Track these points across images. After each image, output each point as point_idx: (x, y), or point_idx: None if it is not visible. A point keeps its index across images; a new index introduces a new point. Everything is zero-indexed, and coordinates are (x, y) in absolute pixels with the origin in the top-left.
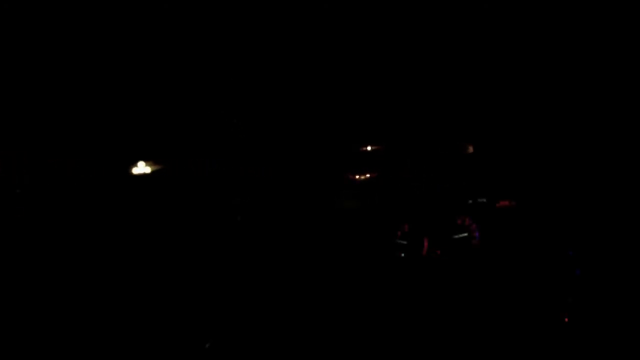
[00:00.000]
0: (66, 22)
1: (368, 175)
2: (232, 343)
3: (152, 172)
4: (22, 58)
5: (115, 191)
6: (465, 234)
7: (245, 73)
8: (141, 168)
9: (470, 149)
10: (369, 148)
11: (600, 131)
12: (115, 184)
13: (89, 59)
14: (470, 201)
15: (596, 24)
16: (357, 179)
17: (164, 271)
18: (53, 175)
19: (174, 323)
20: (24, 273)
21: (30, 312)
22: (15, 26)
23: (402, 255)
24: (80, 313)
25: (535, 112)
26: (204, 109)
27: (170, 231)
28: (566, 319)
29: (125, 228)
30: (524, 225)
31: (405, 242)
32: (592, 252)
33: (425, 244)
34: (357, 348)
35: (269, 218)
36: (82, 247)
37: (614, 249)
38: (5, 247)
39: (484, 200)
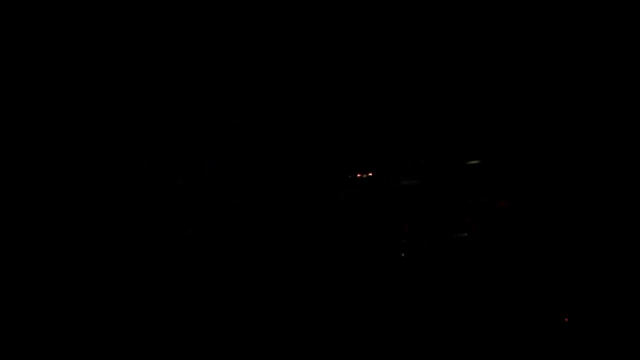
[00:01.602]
0: (67, 21)
1: (368, 175)
2: (232, 343)
3: (153, 172)
4: (24, 58)
5: (115, 191)
6: (465, 234)
7: (245, 73)
8: None
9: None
10: (369, 148)
11: (600, 131)
12: (116, 184)
13: (89, 59)
14: (470, 201)
15: (596, 24)
16: (357, 178)
17: (164, 271)
18: (53, 175)
19: (174, 323)
20: (24, 273)
21: (30, 312)
22: (15, 25)
23: (402, 254)
24: (80, 313)
25: (535, 112)
26: (204, 109)
27: (171, 231)
28: (566, 319)
29: (125, 228)
30: (524, 225)
31: (405, 242)
32: (592, 252)
33: (426, 244)
34: (357, 348)
35: (269, 218)
36: (82, 247)
37: (614, 249)
38: (5, 247)
39: (484, 200)
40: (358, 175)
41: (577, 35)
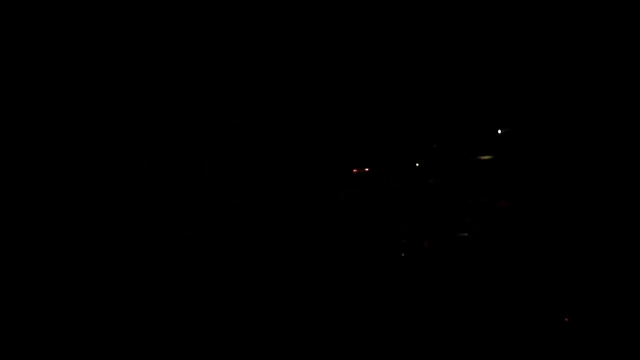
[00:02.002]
0: (68, 21)
1: (365, 170)
2: (232, 343)
3: (152, 172)
4: (24, 58)
5: (115, 191)
6: (465, 234)
7: (245, 73)
8: None
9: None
10: (369, 148)
11: (600, 131)
12: (116, 184)
13: (89, 59)
14: (470, 201)
15: (596, 24)
16: (355, 175)
17: (164, 271)
18: (53, 175)
19: (174, 323)
20: (24, 273)
21: (30, 312)
22: (15, 25)
23: (402, 254)
24: (80, 313)
25: (535, 112)
26: (204, 109)
27: (171, 231)
28: (566, 319)
29: (125, 228)
30: (524, 225)
31: (405, 242)
32: (592, 252)
33: (426, 244)
34: (357, 348)
35: (269, 218)
36: (82, 247)
37: (614, 249)
38: (5, 247)
39: (484, 200)
40: (354, 170)
41: (577, 35)
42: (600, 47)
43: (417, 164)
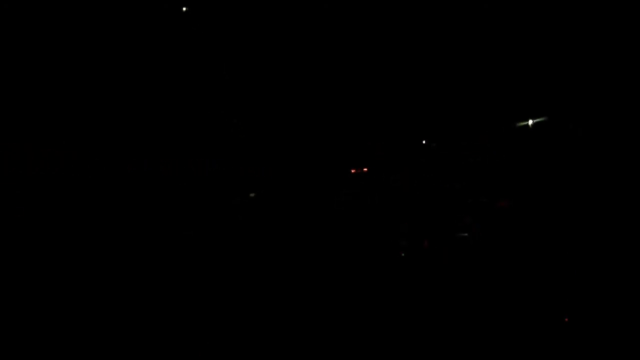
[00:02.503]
0: (68, 20)
1: (363, 170)
2: (232, 343)
3: (152, 172)
4: (23, 57)
5: (115, 191)
6: (465, 234)
7: (245, 73)
8: None
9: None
10: (369, 148)
11: (599, 131)
12: (116, 184)
13: (89, 59)
14: (470, 201)
15: (596, 24)
16: (353, 175)
17: (164, 271)
18: (53, 175)
19: (174, 323)
20: (24, 273)
21: (30, 312)
22: (15, 25)
23: (403, 254)
24: (80, 313)
25: (535, 112)
26: (204, 109)
27: (171, 231)
28: (566, 319)
29: (126, 228)
30: (524, 225)
31: (405, 242)
32: (592, 252)
33: (426, 244)
34: (357, 348)
35: (269, 218)
36: (82, 248)
37: (614, 249)
38: (5, 247)
39: (484, 200)
40: (352, 170)
41: (575, 35)
42: (599, 47)
43: (417, 164)
